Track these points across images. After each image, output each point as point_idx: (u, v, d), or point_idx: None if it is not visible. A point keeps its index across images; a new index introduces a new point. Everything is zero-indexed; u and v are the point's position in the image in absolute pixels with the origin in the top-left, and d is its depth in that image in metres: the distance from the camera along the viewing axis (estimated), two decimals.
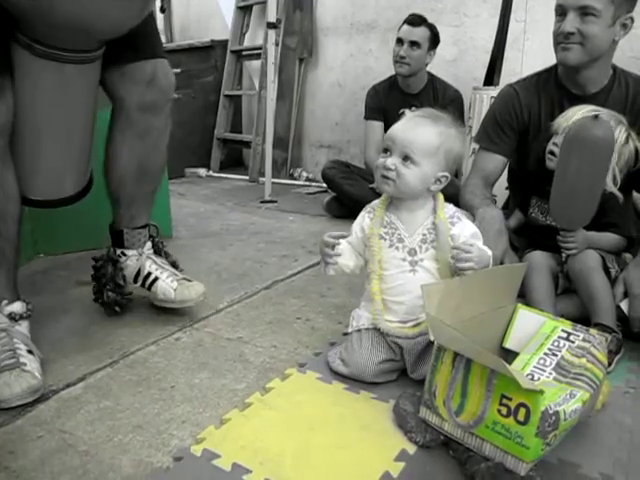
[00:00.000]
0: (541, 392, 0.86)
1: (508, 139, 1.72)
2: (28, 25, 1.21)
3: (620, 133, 1.44)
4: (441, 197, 1.25)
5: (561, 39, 1.54)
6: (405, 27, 2.80)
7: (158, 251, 1.64)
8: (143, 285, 1.57)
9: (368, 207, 1.32)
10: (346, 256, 1.30)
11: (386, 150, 1.22)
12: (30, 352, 1.28)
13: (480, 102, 2.60)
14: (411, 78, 2.86)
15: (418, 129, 1.20)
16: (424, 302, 1.02)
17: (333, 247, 1.27)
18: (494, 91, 2.53)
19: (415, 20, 2.79)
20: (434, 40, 2.83)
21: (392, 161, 1.19)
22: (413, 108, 2.83)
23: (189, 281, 1.56)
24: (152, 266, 1.57)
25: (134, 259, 1.59)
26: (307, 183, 3.84)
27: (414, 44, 2.77)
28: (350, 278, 1.83)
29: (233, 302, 1.73)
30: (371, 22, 3.63)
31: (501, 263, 1.49)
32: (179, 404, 1.19)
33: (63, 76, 1.30)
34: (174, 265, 1.64)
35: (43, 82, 1.29)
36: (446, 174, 1.21)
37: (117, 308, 1.58)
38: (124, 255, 1.60)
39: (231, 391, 1.23)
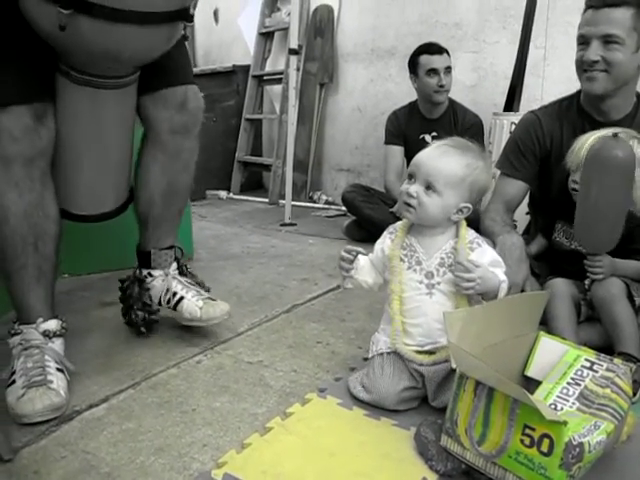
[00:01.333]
0: (565, 423, 0.85)
1: (530, 165, 1.72)
2: (65, 54, 1.28)
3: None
4: (463, 223, 1.25)
5: (586, 67, 1.55)
6: (431, 57, 2.83)
7: (183, 272, 1.67)
8: (169, 305, 1.59)
9: (391, 228, 1.33)
10: (365, 272, 1.32)
11: (411, 176, 1.23)
12: (60, 370, 1.31)
13: (500, 128, 2.61)
14: (440, 104, 2.89)
15: (444, 158, 1.21)
16: (446, 330, 1.02)
17: (351, 261, 1.28)
18: (514, 117, 2.54)
19: (436, 49, 2.84)
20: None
21: (415, 189, 1.20)
22: (433, 133, 2.86)
23: (214, 300, 1.59)
24: (178, 286, 1.60)
25: (160, 280, 1.62)
26: (326, 206, 3.86)
27: (448, 69, 2.82)
28: (370, 302, 1.84)
29: (253, 325, 1.74)
30: (391, 48, 3.68)
31: (522, 291, 1.48)
32: (200, 427, 1.19)
33: (98, 100, 1.36)
34: (201, 285, 1.67)
35: (80, 106, 1.36)
36: (468, 205, 1.22)
37: (143, 329, 1.60)
38: (150, 276, 1.63)
39: (252, 415, 1.24)
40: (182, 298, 1.57)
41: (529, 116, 1.76)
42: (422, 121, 2.95)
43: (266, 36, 4.38)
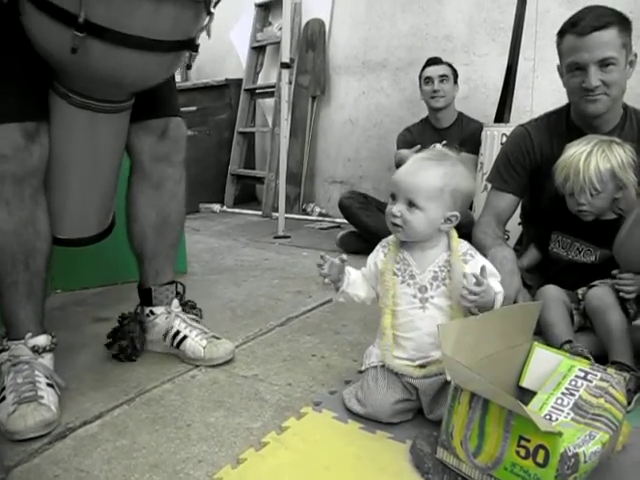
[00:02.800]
0: (560, 434, 0.85)
1: (520, 178, 1.74)
2: (66, 77, 1.28)
3: None
4: (454, 234, 1.26)
5: (585, 93, 1.56)
6: (429, 68, 3.02)
7: (183, 306, 1.66)
8: (172, 343, 1.57)
9: (383, 242, 1.33)
10: (357, 286, 1.32)
11: (393, 197, 1.24)
12: (50, 385, 1.31)
13: (491, 139, 2.63)
14: (443, 111, 3.04)
15: (420, 173, 1.21)
16: (440, 342, 1.02)
17: (327, 267, 1.28)
18: (505, 128, 2.57)
19: (435, 60, 3.03)
20: (455, 74, 3.04)
21: (397, 208, 1.21)
22: (444, 142, 2.95)
23: (218, 339, 1.58)
24: (181, 324, 1.58)
25: (163, 317, 1.60)
26: (320, 218, 3.87)
27: (443, 77, 2.99)
28: (365, 314, 1.84)
29: (248, 339, 1.74)
30: (382, 61, 3.71)
31: (515, 302, 1.48)
32: (195, 443, 1.19)
33: (95, 124, 1.36)
34: (199, 314, 1.67)
35: (76, 129, 1.36)
36: (455, 213, 1.22)
37: (122, 357, 1.58)
38: (152, 314, 1.62)
39: (247, 430, 1.23)
40: (185, 337, 1.56)
41: (519, 130, 1.79)
42: (433, 132, 3.08)
43: (258, 50, 4.41)
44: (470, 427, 0.97)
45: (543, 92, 2.85)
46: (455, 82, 3.04)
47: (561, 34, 1.60)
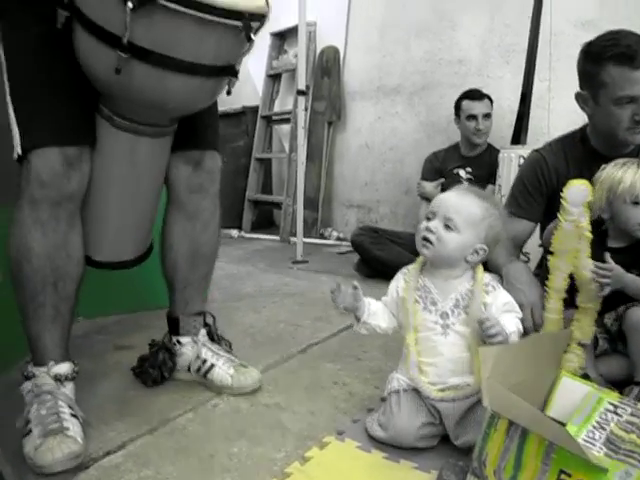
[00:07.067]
0: (605, 470, 0.83)
1: (536, 204, 1.74)
2: (111, 99, 1.30)
3: None
4: (480, 268, 1.27)
5: (634, 125, 1.55)
6: (471, 103, 3.02)
7: (213, 338, 1.66)
8: (199, 372, 1.57)
9: (404, 269, 1.34)
10: (378, 317, 1.32)
11: (430, 216, 1.25)
12: (74, 416, 1.30)
13: (508, 161, 2.62)
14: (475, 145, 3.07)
15: (465, 199, 1.24)
16: (481, 366, 1.01)
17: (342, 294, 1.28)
18: (522, 150, 2.57)
19: (476, 94, 3.03)
20: (492, 105, 3.08)
21: (434, 224, 1.23)
22: (468, 168, 3.02)
23: (245, 367, 1.57)
24: (208, 353, 1.58)
25: (189, 347, 1.61)
26: (338, 242, 3.88)
27: (486, 115, 3.02)
28: (386, 341, 1.83)
29: (269, 367, 1.73)
30: (397, 86, 3.74)
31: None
32: (218, 474, 1.18)
33: (137, 147, 1.38)
34: (229, 346, 1.67)
35: (118, 151, 1.37)
36: (484, 247, 1.23)
37: (150, 383, 1.59)
38: (179, 343, 1.62)
39: (270, 460, 1.22)
40: (213, 366, 1.56)
41: (534, 155, 1.79)
42: (459, 158, 3.11)
43: (274, 78, 4.47)
44: (506, 457, 0.95)
45: (559, 113, 2.85)
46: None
47: (604, 63, 1.55)
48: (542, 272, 1.87)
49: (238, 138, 4.46)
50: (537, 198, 1.74)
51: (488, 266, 1.51)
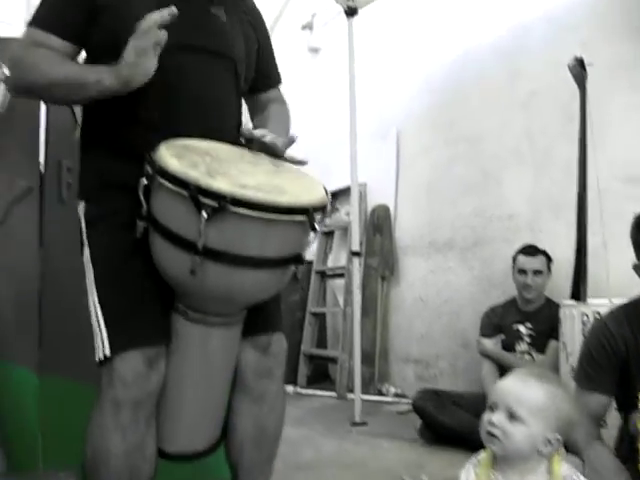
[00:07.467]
0: None
1: (607, 375, 1.67)
2: (185, 296, 1.37)
3: None
4: (557, 458, 1.19)
5: None
6: (524, 258, 3.04)
7: None
8: None
9: (474, 459, 1.27)
10: None
11: (492, 406, 1.21)
12: None
13: (571, 319, 2.57)
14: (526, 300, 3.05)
15: (526, 386, 1.20)
16: None
17: None
18: (585, 307, 2.52)
19: (531, 251, 3.05)
20: (549, 262, 3.06)
21: (497, 418, 1.17)
22: (528, 324, 2.98)
23: None
24: None
25: None
26: (396, 399, 3.76)
27: (537, 272, 3.00)
28: None
29: None
30: (448, 241, 3.82)
31: None
32: None
33: (208, 338, 1.41)
34: None
35: (191, 344, 1.41)
36: (557, 436, 1.17)
37: None
38: None
39: None
40: None
41: (596, 324, 1.78)
42: (518, 313, 3.07)
43: (327, 235, 4.67)
44: None
45: (617, 267, 2.80)
46: (549, 270, 3.06)
47: None
48: (623, 447, 1.74)
49: (294, 293, 4.56)
50: (606, 368, 1.67)
51: (567, 446, 1.42)
